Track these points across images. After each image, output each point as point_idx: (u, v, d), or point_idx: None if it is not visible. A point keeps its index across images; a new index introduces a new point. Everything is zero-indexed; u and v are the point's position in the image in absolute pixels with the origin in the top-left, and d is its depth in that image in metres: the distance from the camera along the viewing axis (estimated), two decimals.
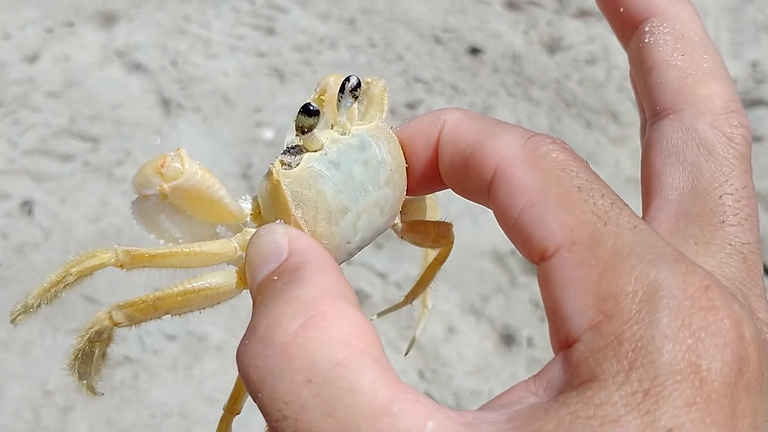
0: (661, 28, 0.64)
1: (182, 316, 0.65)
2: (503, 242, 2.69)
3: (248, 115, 3.27)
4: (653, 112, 0.63)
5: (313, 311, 0.48)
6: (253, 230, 0.63)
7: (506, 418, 0.44)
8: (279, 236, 0.56)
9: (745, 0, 4.18)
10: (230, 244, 0.64)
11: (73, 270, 0.63)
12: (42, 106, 3.22)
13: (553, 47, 3.84)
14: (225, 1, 3.78)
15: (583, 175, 0.52)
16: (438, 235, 0.76)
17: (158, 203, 0.62)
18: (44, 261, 2.65)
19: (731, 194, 0.58)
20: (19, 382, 2.33)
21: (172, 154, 0.61)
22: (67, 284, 0.63)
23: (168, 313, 0.63)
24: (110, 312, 0.63)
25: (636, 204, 2.34)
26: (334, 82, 0.67)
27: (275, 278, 0.52)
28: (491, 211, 0.57)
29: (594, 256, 0.47)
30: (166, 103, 3.29)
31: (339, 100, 0.64)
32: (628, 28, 0.66)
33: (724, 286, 0.47)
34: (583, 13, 4.10)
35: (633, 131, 3.39)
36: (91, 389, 0.72)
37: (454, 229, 0.77)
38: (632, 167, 3.24)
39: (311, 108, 0.60)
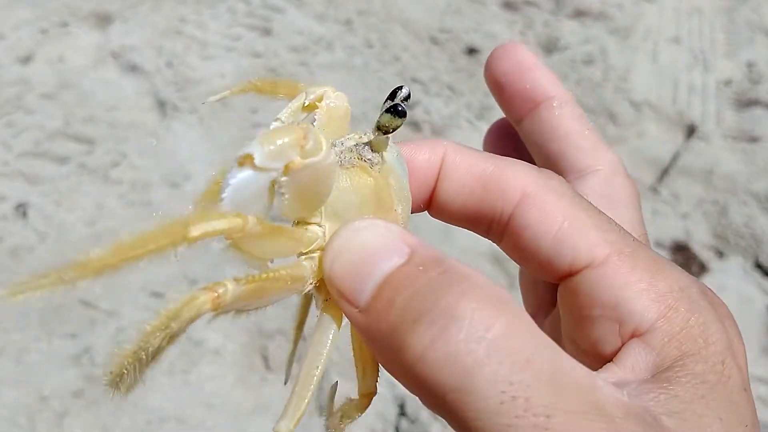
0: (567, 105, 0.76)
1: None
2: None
3: (245, 117, 3.25)
4: (572, 171, 0.73)
5: (504, 308, 0.49)
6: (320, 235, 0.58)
7: (646, 394, 0.53)
8: (386, 230, 0.54)
9: (740, 0, 4.18)
10: (304, 264, 0.58)
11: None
12: (36, 108, 3.19)
13: (549, 48, 3.83)
14: (221, 1, 3.77)
15: (594, 201, 0.63)
16: None
17: (265, 182, 0.52)
18: (39, 264, 2.62)
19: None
20: (13, 387, 2.31)
21: (311, 130, 0.53)
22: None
23: (264, 302, 0.58)
24: (219, 289, 0.51)
25: None
26: (336, 97, 0.64)
27: (420, 268, 0.51)
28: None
29: (641, 263, 0.58)
30: (162, 105, 3.27)
31: (388, 110, 0.60)
32: (527, 110, 0.76)
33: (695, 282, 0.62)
34: (579, 14, 4.09)
35: (631, 131, 3.39)
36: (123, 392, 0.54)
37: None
38: (630, 168, 3.21)
39: (400, 109, 0.57)
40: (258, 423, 2.30)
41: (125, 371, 0.49)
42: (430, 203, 0.66)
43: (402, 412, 2.28)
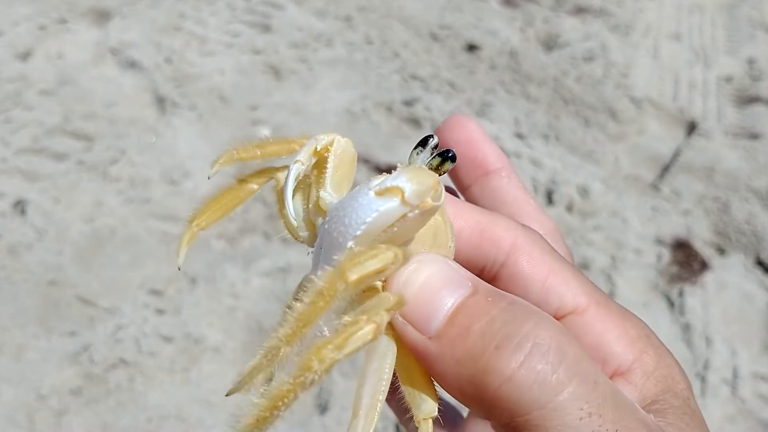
0: (512, 175, 0.85)
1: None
2: None
3: (244, 113, 3.24)
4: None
5: (568, 332, 0.57)
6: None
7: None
8: (449, 264, 0.60)
9: None
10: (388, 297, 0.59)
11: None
12: (35, 105, 3.18)
13: (550, 44, 3.82)
14: None
15: (564, 258, 0.70)
16: None
17: (401, 215, 0.57)
18: (38, 262, 2.61)
19: None
20: (12, 385, 2.30)
21: (439, 178, 0.60)
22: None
23: None
24: (376, 320, 0.54)
25: (635, 202, 2.31)
26: (345, 143, 0.66)
27: (489, 299, 0.57)
28: None
29: (612, 313, 0.66)
30: (161, 101, 3.26)
31: (424, 154, 0.64)
32: (480, 175, 0.83)
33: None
34: (579, 10, 4.08)
35: (631, 128, 3.38)
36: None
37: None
38: (631, 164, 3.23)
39: (451, 155, 0.63)
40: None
41: (270, 415, 0.54)
42: None
43: None
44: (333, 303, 0.53)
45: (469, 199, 0.84)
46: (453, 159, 0.63)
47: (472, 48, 3.74)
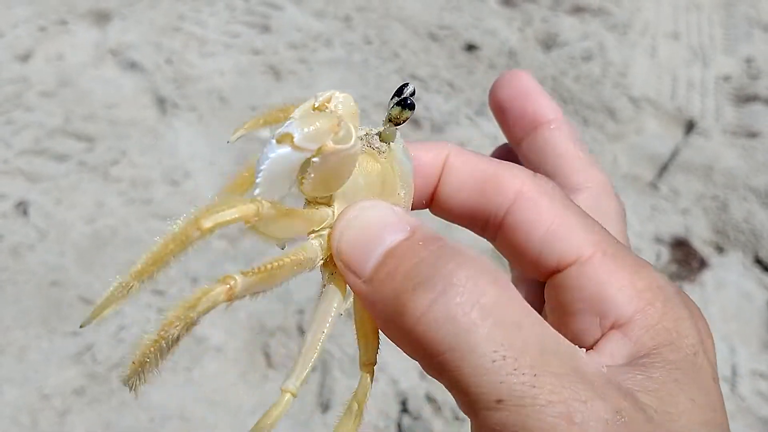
0: (565, 125, 0.81)
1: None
2: None
3: (244, 114, 3.25)
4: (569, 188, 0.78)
5: (493, 277, 0.55)
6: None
7: (623, 374, 0.57)
8: (388, 209, 0.61)
9: None
10: (313, 243, 0.63)
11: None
12: (36, 106, 3.19)
13: (548, 44, 3.83)
14: None
15: (578, 207, 0.66)
16: None
17: (298, 160, 0.59)
18: (40, 262, 2.62)
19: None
20: (15, 386, 2.31)
21: (342, 119, 0.60)
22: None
23: (272, 286, 0.61)
24: (230, 280, 0.57)
25: (633, 201, 2.32)
26: (343, 98, 0.66)
27: (420, 243, 0.57)
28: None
29: (622, 263, 0.63)
30: (161, 102, 3.27)
31: (396, 105, 0.66)
32: (529, 129, 0.81)
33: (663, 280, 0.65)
34: (577, 10, 4.09)
35: (629, 128, 3.39)
36: (141, 383, 0.61)
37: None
38: (629, 164, 3.24)
39: (410, 102, 0.64)
40: None
41: (146, 360, 0.56)
42: (432, 201, 0.71)
43: (404, 408, 2.28)
44: (185, 247, 0.56)
45: (522, 155, 0.82)
46: (410, 107, 0.64)
47: (471, 48, 3.76)
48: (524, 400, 0.51)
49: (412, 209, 0.70)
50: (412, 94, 0.66)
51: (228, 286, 0.57)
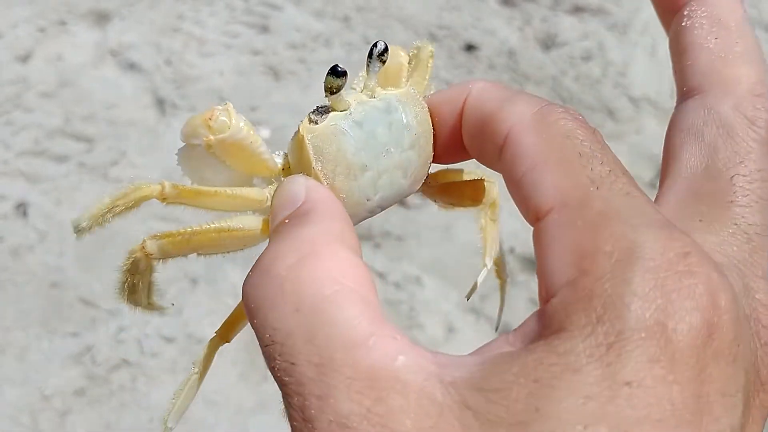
0: (699, 12, 0.66)
1: (207, 256, 0.71)
2: (503, 240, 2.69)
3: (244, 114, 3.23)
4: (681, 93, 0.66)
5: (309, 249, 0.52)
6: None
7: (477, 361, 0.47)
8: (298, 185, 0.61)
9: None
10: (264, 193, 0.69)
11: (120, 203, 0.67)
12: (35, 107, 3.19)
13: (548, 44, 3.83)
14: None
15: (587, 143, 0.54)
16: (475, 192, 0.79)
17: (202, 153, 0.67)
18: (40, 263, 2.62)
19: (744, 176, 0.58)
20: (16, 386, 2.31)
21: (221, 108, 0.66)
22: (114, 213, 0.68)
23: (197, 251, 0.68)
24: (144, 243, 0.68)
25: None
26: (391, 53, 0.72)
27: (287, 221, 0.57)
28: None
29: (581, 218, 0.49)
30: (161, 103, 3.27)
31: (368, 65, 0.68)
32: (669, 12, 0.69)
33: (706, 255, 0.48)
34: (577, 9, 4.09)
35: (629, 128, 3.39)
36: (152, 308, 0.79)
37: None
38: (629, 164, 3.22)
39: (339, 69, 0.64)
40: (259, 420, 2.30)
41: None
42: (462, 147, 0.66)
43: None
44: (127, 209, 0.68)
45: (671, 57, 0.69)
46: (334, 73, 0.64)
47: (470, 48, 3.76)
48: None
49: (454, 161, 0.71)
50: (383, 51, 0.68)
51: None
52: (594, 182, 0.51)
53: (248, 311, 0.52)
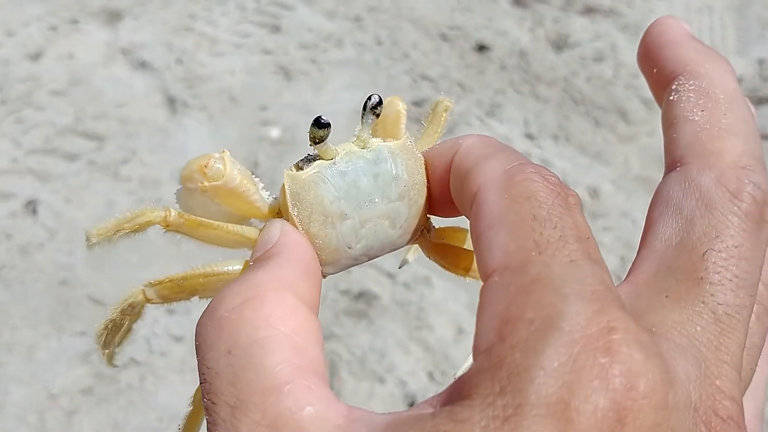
0: (687, 85, 0.65)
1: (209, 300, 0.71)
2: None
3: (254, 114, 3.25)
4: (666, 166, 0.63)
5: (254, 293, 0.53)
6: None
7: (387, 421, 0.46)
8: (274, 229, 0.63)
9: None
10: (257, 233, 0.71)
11: (126, 226, 0.71)
12: (46, 105, 3.20)
13: (560, 45, 3.81)
14: None
15: (546, 206, 0.52)
16: (469, 263, 0.78)
17: (198, 195, 0.70)
18: (49, 261, 2.62)
19: (718, 251, 0.55)
20: (23, 385, 2.31)
21: (217, 155, 0.69)
22: (121, 235, 0.72)
23: (194, 295, 0.71)
24: (144, 289, 0.71)
25: (645, 203, 2.30)
26: (387, 103, 0.73)
27: (251, 263, 0.60)
28: None
29: (514, 282, 0.47)
30: (171, 102, 3.27)
31: (362, 117, 0.69)
32: (661, 87, 0.67)
33: (637, 334, 0.45)
34: (589, 10, 4.07)
35: (642, 129, 3.37)
36: (110, 359, 0.81)
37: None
38: (641, 166, 3.22)
39: (322, 121, 0.66)
40: None
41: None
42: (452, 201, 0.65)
43: None
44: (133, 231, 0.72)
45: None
46: (317, 125, 0.65)
47: (481, 48, 3.74)
48: None
49: (448, 216, 0.70)
50: (377, 105, 0.69)
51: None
52: (538, 247, 0.49)
53: (195, 349, 0.53)
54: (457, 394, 0.45)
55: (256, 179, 0.72)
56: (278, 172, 2.81)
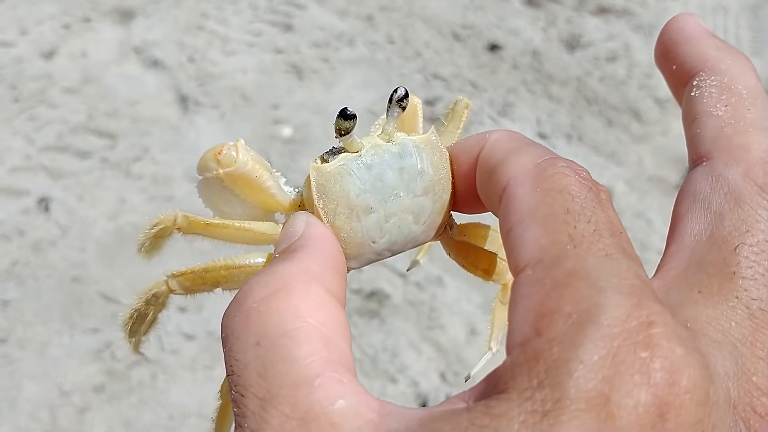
0: (708, 81, 0.64)
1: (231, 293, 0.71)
2: None
3: (266, 112, 3.25)
4: (691, 161, 0.63)
5: (281, 285, 0.52)
6: None
7: (420, 415, 0.45)
8: (299, 221, 0.62)
9: None
10: (277, 228, 0.70)
11: (143, 239, 0.73)
12: (59, 102, 3.20)
13: (572, 44, 3.80)
14: None
15: (580, 199, 0.51)
16: (489, 265, 0.77)
17: (217, 186, 0.70)
18: (61, 258, 2.63)
19: (750, 245, 0.54)
20: (35, 382, 2.31)
21: (231, 143, 0.69)
22: (146, 250, 0.75)
23: (217, 287, 0.71)
24: (167, 279, 0.72)
25: (659, 203, 2.29)
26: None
27: (277, 255, 0.59)
28: None
29: (549, 276, 0.46)
30: (183, 100, 3.27)
31: (387, 110, 0.70)
32: (681, 84, 0.67)
33: (676, 328, 0.44)
34: (602, 10, 4.05)
35: (655, 129, 3.35)
36: (137, 347, 0.85)
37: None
38: (655, 166, 3.20)
39: (348, 112, 0.66)
40: None
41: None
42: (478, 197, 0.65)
43: None
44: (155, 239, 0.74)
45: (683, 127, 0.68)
46: (343, 116, 0.66)
47: (494, 48, 3.73)
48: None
49: (473, 212, 0.70)
50: (403, 97, 0.69)
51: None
52: (573, 240, 0.48)
53: (222, 339, 0.53)
54: (492, 388, 0.44)
55: (277, 173, 0.71)
56: (290, 171, 2.81)
